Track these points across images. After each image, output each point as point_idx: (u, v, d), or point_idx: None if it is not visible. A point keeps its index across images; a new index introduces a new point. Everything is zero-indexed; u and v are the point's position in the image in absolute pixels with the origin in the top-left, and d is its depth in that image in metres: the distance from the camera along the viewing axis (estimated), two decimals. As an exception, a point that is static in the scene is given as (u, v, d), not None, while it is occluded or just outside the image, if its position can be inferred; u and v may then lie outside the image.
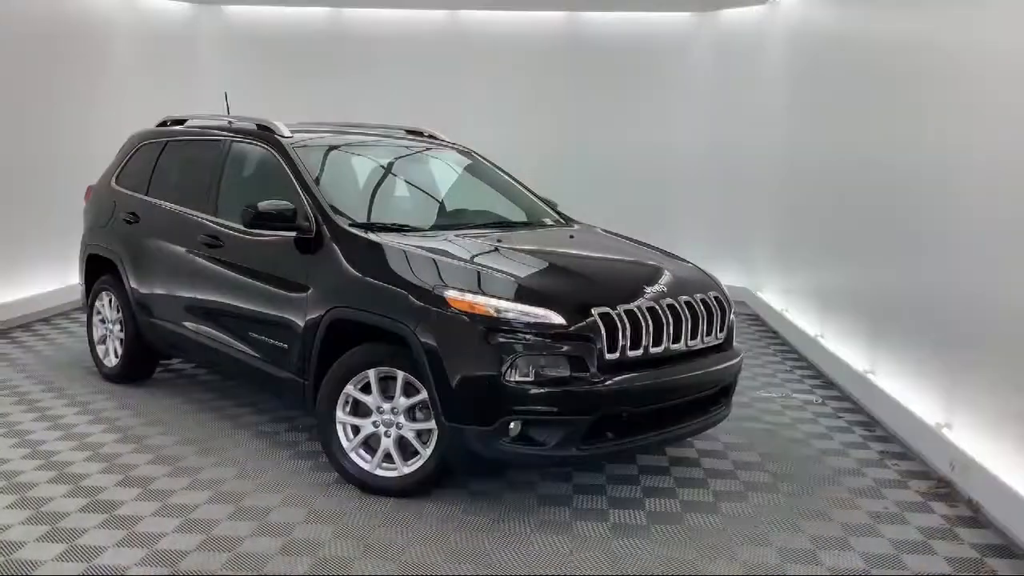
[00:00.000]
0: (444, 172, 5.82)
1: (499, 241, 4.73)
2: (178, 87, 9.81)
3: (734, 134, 9.66)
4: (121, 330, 5.93)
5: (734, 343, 4.62)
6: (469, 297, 3.93)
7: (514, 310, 3.89)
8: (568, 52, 10.11)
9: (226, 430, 5.13)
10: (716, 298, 4.47)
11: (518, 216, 5.50)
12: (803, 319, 7.59)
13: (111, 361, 6.05)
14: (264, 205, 4.53)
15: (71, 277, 8.56)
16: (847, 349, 6.36)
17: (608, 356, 3.91)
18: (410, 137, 5.98)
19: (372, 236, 4.48)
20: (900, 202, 5.49)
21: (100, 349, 6.16)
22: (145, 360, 5.99)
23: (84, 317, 8.08)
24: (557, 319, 3.88)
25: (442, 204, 5.58)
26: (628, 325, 3.97)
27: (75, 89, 8.62)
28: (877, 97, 6.02)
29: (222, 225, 5.13)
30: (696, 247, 8.38)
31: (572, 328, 3.88)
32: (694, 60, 10.05)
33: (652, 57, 10.06)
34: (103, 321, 6.13)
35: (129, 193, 5.98)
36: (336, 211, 4.63)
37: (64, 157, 8.44)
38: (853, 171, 6.41)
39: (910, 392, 5.19)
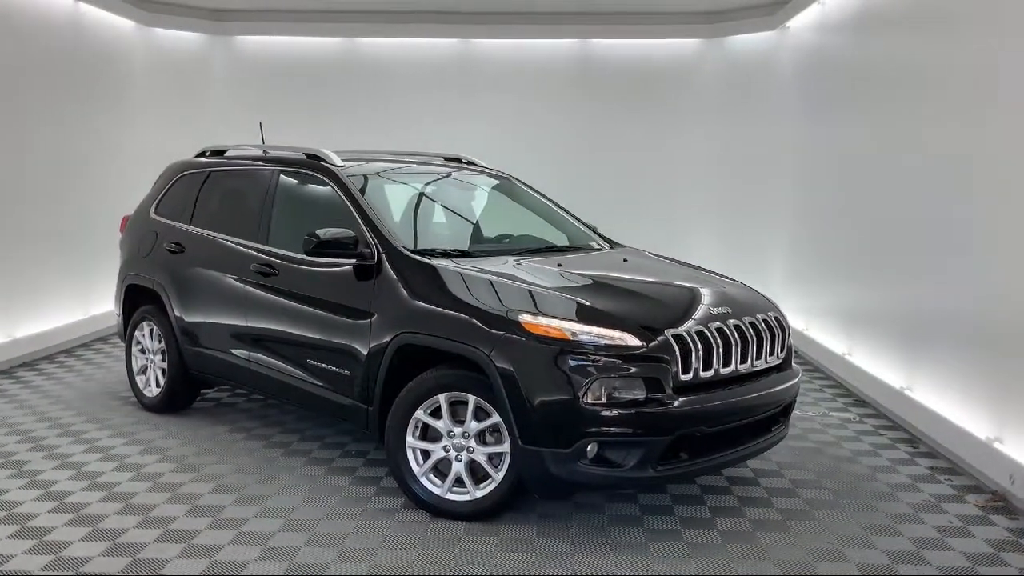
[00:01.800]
0: (490, 198, 5.89)
1: (559, 265, 4.78)
2: (193, 117, 9.84)
3: (746, 154, 9.82)
4: (163, 360, 5.92)
5: (792, 363, 4.69)
6: (543, 321, 3.97)
7: (589, 332, 3.94)
8: (580, 78, 10.23)
9: (279, 458, 5.13)
10: (776, 318, 4.55)
11: (566, 240, 5.56)
12: (828, 337, 7.68)
13: (152, 391, 6.03)
14: (325, 233, 4.57)
15: (92, 308, 8.54)
16: (880, 366, 6.43)
17: (683, 377, 3.97)
18: (450, 164, 6.04)
19: (435, 262, 4.53)
20: (935, 212, 5.59)
21: (140, 379, 6.13)
22: (187, 389, 5.96)
23: (108, 348, 8.10)
24: (632, 341, 3.94)
25: (493, 229, 5.63)
26: (700, 346, 4.04)
27: (91, 119, 8.62)
28: (897, 107, 6.15)
29: (275, 254, 5.16)
30: (707, 267, 8.46)
31: (647, 350, 3.93)
32: (705, 83, 10.19)
33: (663, 81, 10.20)
34: (143, 351, 6.10)
35: (171, 223, 5.97)
36: (396, 238, 4.67)
37: (80, 187, 8.42)
38: (880, 183, 6.51)
39: (955, 407, 5.27)
